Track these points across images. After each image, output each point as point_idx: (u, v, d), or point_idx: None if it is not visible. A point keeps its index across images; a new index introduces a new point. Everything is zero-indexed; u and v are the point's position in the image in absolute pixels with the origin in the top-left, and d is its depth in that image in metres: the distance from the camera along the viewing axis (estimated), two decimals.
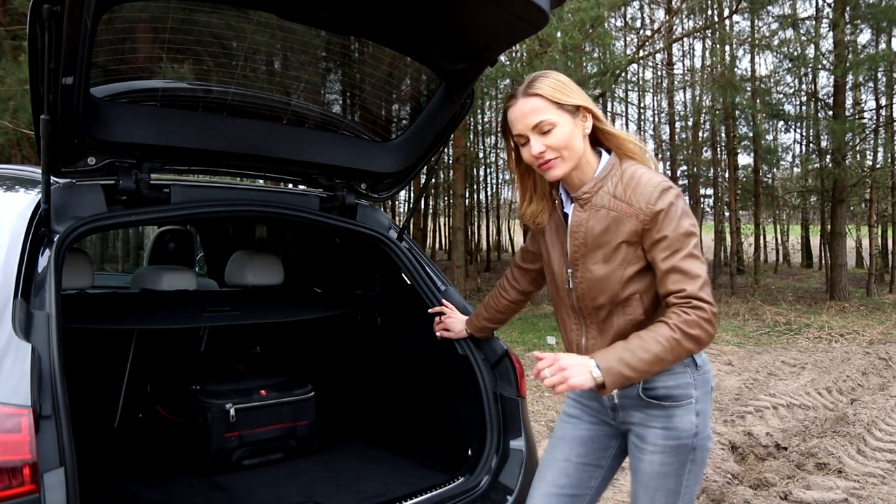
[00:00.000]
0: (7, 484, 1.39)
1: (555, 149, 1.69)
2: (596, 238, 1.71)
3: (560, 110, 1.68)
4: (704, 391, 1.76)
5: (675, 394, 1.72)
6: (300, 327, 3.47)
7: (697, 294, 1.59)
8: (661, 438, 1.73)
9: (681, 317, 1.59)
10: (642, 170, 1.71)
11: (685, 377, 1.73)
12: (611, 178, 1.71)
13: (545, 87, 1.69)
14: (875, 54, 13.70)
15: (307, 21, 2.00)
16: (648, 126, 22.16)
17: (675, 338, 1.59)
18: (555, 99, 1.68)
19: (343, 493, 2.49)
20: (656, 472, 1.74)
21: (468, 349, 2.37)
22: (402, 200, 20.18)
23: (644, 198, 1.64)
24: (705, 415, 1.75)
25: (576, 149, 1.70)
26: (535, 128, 1.69)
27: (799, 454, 4.33)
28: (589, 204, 1.72)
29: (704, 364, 1.78)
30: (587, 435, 1.88)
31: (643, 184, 1.66)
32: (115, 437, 3.12)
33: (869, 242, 16.36)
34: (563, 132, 1.68)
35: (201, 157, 2.22)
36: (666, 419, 1.72)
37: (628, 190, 1.67)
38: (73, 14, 1.46)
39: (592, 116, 1.73)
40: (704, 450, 1.76)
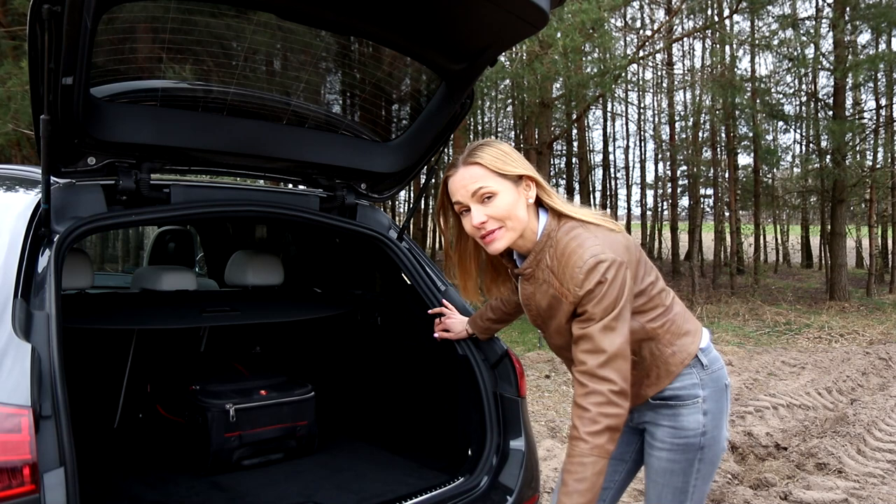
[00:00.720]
0: (7, 484, 1.39)
1: (497, 218, 1.65)
2: (545, 311, 1.72)
3: (502, 178, 1.65)
4: (714, 390, 1.77)
5: (680, 394, 1.75)
6: (300, 327, 3.47)
7: (599, 373, 1.55)
8: (668, 436, 1.76)
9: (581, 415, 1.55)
10: (576, 238, 1.63)
11: (691, 378, 1.75)
12: (547, 249, 1.67)
13: (486, 157, 1.65)
14: (875, 55, 13.71)
15: (307, 21, 2.00)
16: (648, 126, 22.18)
17: (590, 447, 1.53)
18: (495, 168, 1.64)
19: (343, 493, 2.49)
20: (664, 469, 1.78)
21: (468, 349, 2.37)
22: (402, 200, 20.19)
23: (572, 280, 1.60)
24: (716, 414, 1.76)
25: (519, 218, 1.66)
26: (475, 195, 1.65)
27: (799, 454, 4.33)
28: (532, 278, 1.72)
29: (713, 363, 1.78)
30: None
31: (572, 262, 1.60)
32: (115, 437, 3.12)
33: (869, 242, 16.37)
34: (505, 201, 1.65)
35: (201, 157, 2.22)
36: (673, 418, 1.76)
37: (560, 265, 1.63)
38: (73, 14, 1.46)
39: (536, 185, 1.69)
40: (715, 449, 1.77)
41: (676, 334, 1.75)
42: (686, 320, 1.80)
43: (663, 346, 1.74)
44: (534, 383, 6.38)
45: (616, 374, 1.56)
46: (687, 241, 18.18)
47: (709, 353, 1.79)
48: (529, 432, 2.36)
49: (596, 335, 1.57)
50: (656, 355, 1.74)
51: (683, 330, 1.77)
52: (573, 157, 20.94)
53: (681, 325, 1.77)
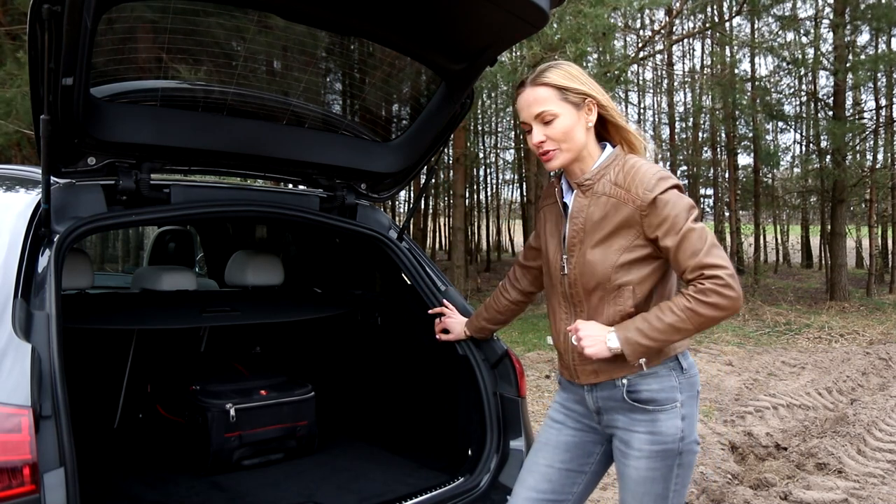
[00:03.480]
0: (7, 484, 1.39)
1: (554, 139, 1.72)
2: (595, 224, 1.72)
3: (564, 101, 1.71)
4: (690, 395, 1.75)
5: (659, 397, 1.71)
6: (300, 327, 3.47)
7: (706, 262, 1.60)
8: (646, 443, 1.71)
9: (696, 287, 1.60)
10: (643, 161, 1.73)
11: (670, 380, 1.72)
12: (613, 167, 1.73)
13: (553, 77, 1.72)
14: (875, 55, 13.70)
15: (307, 21, 2.00)
16: (648, 126, 22.17)
17: (689, 307, 1.60)
18: (561, 85, 1.71)
19: (343, 493, 2.49)
20: (643, 478, 1.73)
21: (468, 349, 2.37)
22: (402, 200, 20.19)
23: (642, 185, 1.66)
24: (691, 419, 1.74)
25: (576, 140, 1.73)
26: (538, 117, 1.72)
27: (799, 454, 4.33)
28: (591, 191, 1.74)
29: (691, 367, 1.77)
30: (571, 441, 1.87)
31: (642, 173, 1.67)
32: (115, 437, 3.12)
33: (869, 242, 16.35)
34: (564, 123, 1.71)
35: (201, 157, 2.22)
36: (650, 423, 1.71)
37: (628, 178, 1.69)
38: (73, 14, 1.46)
39: (598, 107, 1.75)
40: (691, 454, 1.74)
41: None
42: None
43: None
44: (534, 383, 6.38)
45: (724, 260, 1.61)
46: None
47: (687, 358, 1.78)
48: (529, 432, 2.36)
49: (689, 239, 1.61)
50: None
51: None
52: None
53: None
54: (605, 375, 1.75)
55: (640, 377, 1.72)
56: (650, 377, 1.72)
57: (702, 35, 17.43)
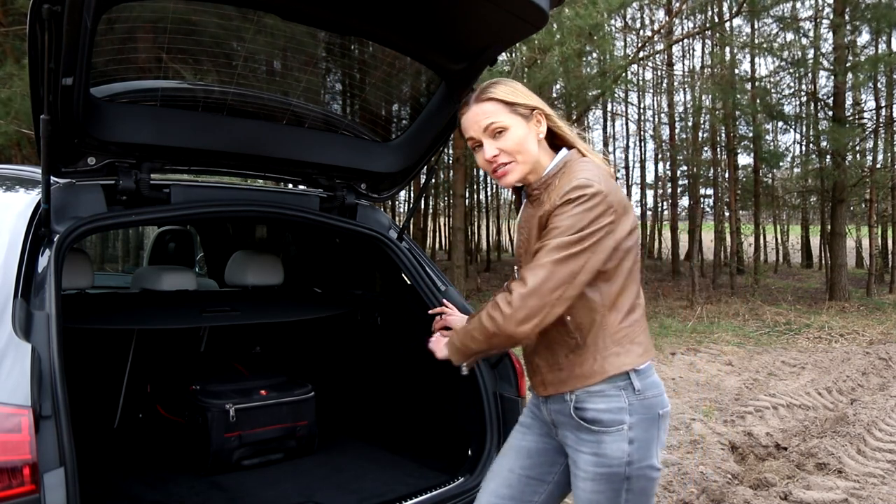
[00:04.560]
0: (7, 484, 1.39)
1: (508, 152, 1.66)
2: (536, 234, 1.65)
3: (513, 113, 1.66)
4: (644, 417, 1.63)
5: (603, 418, 1.62)
6: (300, 327, 3.47)
7: (522, 274, 1.57)
8: (590, 465, 1.63)
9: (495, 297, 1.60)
10: (586, 165, 1.63)
11: (618, 401, 1.62)
12: (560, 175, 1.66)
13: (498, 91, 1.67)
14: (875, 56, 13.70)
15: (307, 21, 2.00)
16: (648, 126, 22.18)
17: (480, 316, 1.60)
18: (508, 100, 1.66)
19: (343, 493, 2.49)
20: (588, 500, 1.65)
21: None
22: (402, 200, 20.19)
23: (558, 191, 1.59)
24: (644, 443, 1.63)
25: (530, 152, 1.67)
26: (487, 130, 1.66)
27: (799, 454, 4.33)
28: (538, 201, 1.68)
29: (648, 388, 1.65)
30: (533, 447, 1.81)
31: (568, 180, 1.59)
32: (115, 437, 3.12)
33: (869, 242, 16.35)
34: (517, 134, 1.66)
35: (201, 157, 2.22)
36: (595, 444, 1.63)
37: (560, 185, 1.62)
38: (73, 14, 1.46)
39: (546, 119, 1.70)
40: (645, 479, 1.64)
41: (629, 338, 1.65)
42: (644, 334, 1.70)
43: (611, 341, 1.63)
44: None
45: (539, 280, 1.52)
46: (687, 241, 18.18)
47: (645, 378, 1.66)
48: None
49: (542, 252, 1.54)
50: (599, 347, 1.63)
51: (637, 339, 1.67)
52: None
53: (637, 334, 1.67)
54: (552, 389, 1.69)
55: (588, 395, 1.64)
56: (597, 396, 1.63)
57: (701, 35, 17.43)
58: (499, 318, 1.55)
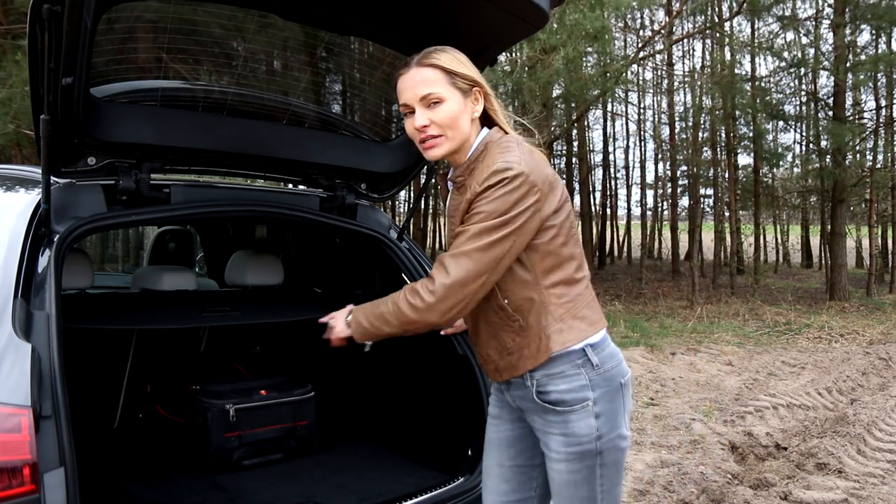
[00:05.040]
0: (7, 484, 1.39)
1: (439, 125, 1.61)
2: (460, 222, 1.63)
3: (452, 86, 1.61)
4: (607, 390, 1.64)
5: (567, 398, 1.62)
6: (300, 327, 3.46)
7: (439, 260, 1.56)
8: (562, 446, 1.63)
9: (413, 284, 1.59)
10: (507, 149, 1.60)
11: (578, 379, 1.62)
12: (482, 158, 1.63)
13: (442, 59, 1.62)
14: (875, 56, 13.70)
15: (307, 21, 2.00)
16: (648, 126, 22.18)
17: (395, 300, 1.59)
18: (450, 68, 1.61)
19: (343, 493, 2.49)
20: (566, 482, 1.65)
21: (468, 349, 2.37)
22: (402, 200, 20.19)
23: (479, 178, 1.57)
24: (610, 415, 1.63)
25: (461, 129, 1.63)
26: (423, 100, 1.61)
27: (799, 454, 4.33)
28: (463, 187, 1.65)
29: (606, 361, 1.65)
30: (511, 435, 1.80)
31: (487, 165, 1.58)
32: (115, 437, 3.12)
33: (869, 242, 16.34)
34: (451, 108, 1.61)
35: (201, 157, 2.22)
36: (563, 425, 1.62)
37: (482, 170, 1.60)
38: (73, 14, 1.46)
39: (484, 98, 1.66)
40: (616, 451, 1.65)
41: (571, 313, 1.63)
42: (589, 308, 1.68)
43: (553, 318, 1.62)
44: None
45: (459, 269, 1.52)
46: (687, 241, 18.17)
47: (601, 351, 1.65)
48: None
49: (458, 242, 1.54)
50: (542, 326, 1.62)
51: (581, 314, 1.65)
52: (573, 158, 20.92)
53: (579, 308, 1.65)
54: (506, 374, 1.68)
55: (548, 377, 1.63)
56: (558, 378, 1.63)
57: (702, 35, 17.42)
58: (420, 306, 1.55)
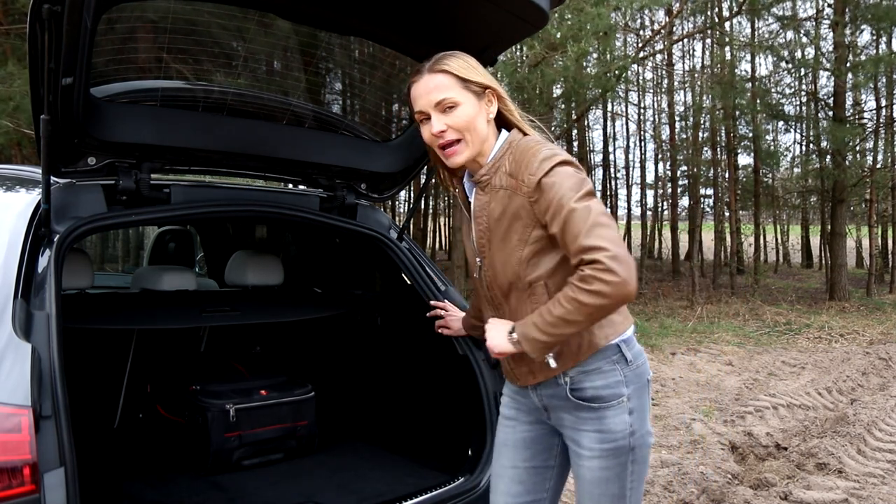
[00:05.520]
0: (7, 484, 1.39)
1: (456, 129, 1.63)
2: (496, 221, 1.64)
3: (465, 90, 1.63)
4: (638, 387, 1.66)
5: (603, 394, 1.63)
6: (300, 327, 3.47)
7: (585, 244, 1.48)
8: (595, 442, 1.64)
9: (578, 274, 1.49)
10: (534, 142, 1.63)
11: (614, 375, 1.64)
12: (507, 156, 1.64)
13: (453, 64, 1.63)
14: (876, 56, 13.70)
15: (307, 21, 2.00)
16: (648, 126, 22.17)
17: (572, 297, 1.49)
18: (462, 75, 1.63)
19: (343, 493, 2.49)
20: (597, 479, 1.65)
21: (468, 349, 2.37)
22: (402, 200, 20.18)
23: (527, 169, 1.57)
24: (641, 411, 1.66)
25: (479, 131, 1.65)
26: (438, 105, 1.63)
27: (799, 454, 4.33)
28: (489, 186, 1.66)
29: (636, 358, 1.68)
30: (528, 437, 1.80)
31: (528, 156, 1.59)
32: (115, 437, 3.12)
33: (869, 242, 16.34)
34: (467, 112, 1.63)
35: (201, 157, 2.22)
36: (598, 422, 1.63)
37: (518, 164, 1.60)
38: (73, 14, 1.46)
39: (498, 99, 1.68)
40: (645, 447, 1.67)
41: None
42: None
43: None
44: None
45: (607, 241, 1.48)
46: (687, 241, 18.17)
47: (632, 347, 1.68)
48: None
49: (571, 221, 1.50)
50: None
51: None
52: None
53: None
54: (541, 375, 1.68)
55: (584, 374, 1.64)
56: (594, 374, 1.64)
57: (702, 35, 17.42)
58: (609, 289, 1.46)
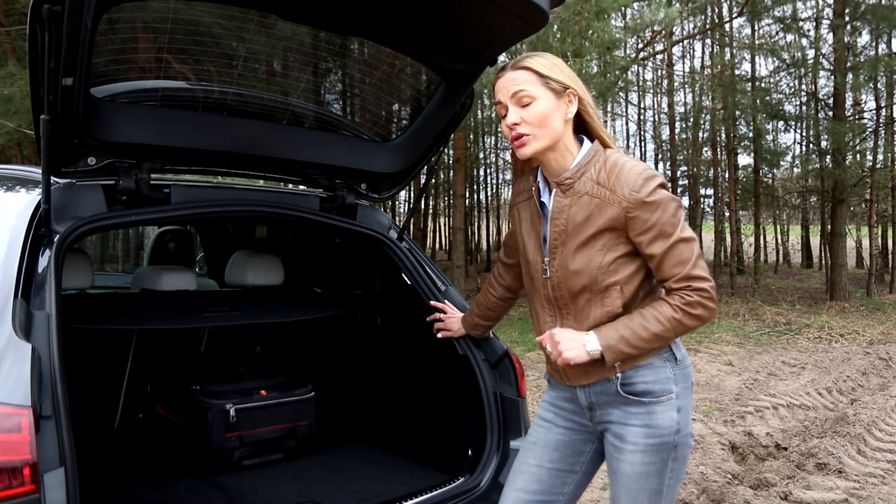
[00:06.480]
0: (7, 484, 1.39)
1: (529, 123, 1.66)
2: (578, 225, 1.67)
3: (544, 87, 1.66)
4: (685, 386, 1.72)
5: (654, 389, 1.68)
6: (300, 327, 3.47)
7: (694, 273, 1.61)
8: (641, 437, 1.67)
9: (684, 299, 1.61)
10: (625, 158, 1.68)
11: (665, 371, 1.69)
12: (593, 164, 1.68)
13: (535, 63, 1.67)
14: (875, 57, 13.69)
15: (307, 21, 2.00)
16: (649, 126, 22.18)
17: (676, 318, 1.61)
18: (542, 72, 1.66)
19: (343, 493, 2.49)
20: (637, 473, 1.68)
21: (468, 349, 2.37)
22: (402, 200, 20.19)
23: (628, 185, 1.61)
24: (686, 411, 1.71)
25: (552, 128, 1.67)
26: (515, 97, 1.66)
27: (799, 454, 4.33)
28: (571, 190, 1.68)
29: (684, 358, 1.74)
30: (561, 440, 1.83)
31: (626, 171, 1.63)
32: (115, 437, 3.12)
33: (869, 242, 16.35)
34: (542, 107, 1.65)
35: (201, 157, 2.22)
36: (646, 416, 1.67)
37: (611, 177, 1.64)
38: (73, 14, 1.46)
39: (579, 101, 1.70)
40: (686, 447, 1.71)
41: None
42: None
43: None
44: (534, 383, 6.37)
45: (708, 273, 1.64)
46: None
47: (681, 349, 1.74)
48: None
49: (678, 248, 1.61)
50: None
51: None
52: None
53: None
54: (596, 376, 1.71)
55: (636, 369, 1.68)
56: (645, 368, 1.68)
57: (702, 36, 17.42)
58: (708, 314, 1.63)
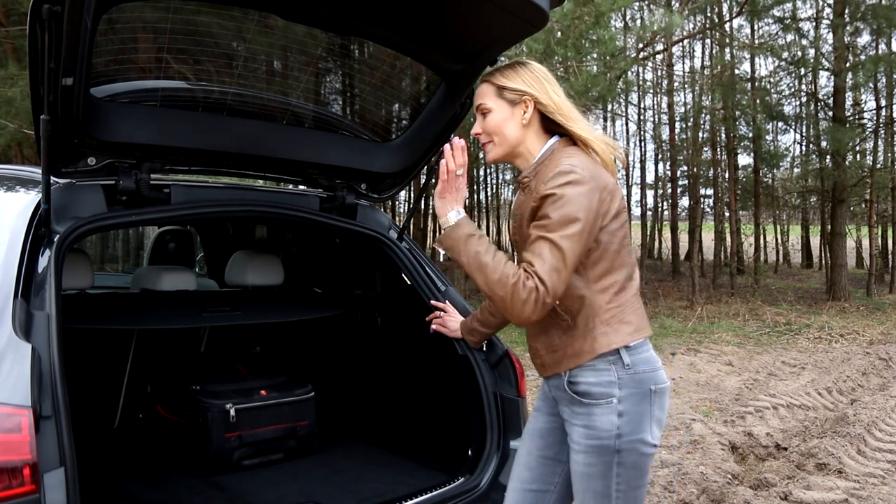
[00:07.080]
0: (7, 484, 1.39)
1: (487, 132, 1.79)
2: (527, 220, 1.71)
3: (499, 98, 1.76)
4: (635, 392, 1.68)
5: (593, 391, 1.68)
6: (300, 327, 3.47)
7: (542, 275, 1.56)
8: (582, 437, 1.69)
9: (527, 276, 1.57)
10: (569, 153, 1.70)
11: (607, 375, 1.68)
12: (548, 163, 1.72)
13: (496, 74, 1.78)
14: (875, 56, 13.70)
15: (307, 21, 2.00)
16: (649, 126, 22.17)
17: (507, 275, 1.58)
18: (499, 83, 1.76)
19: (343, 493, 2.49)
20: (581, 473, 1.71)
21: (468, 349, 2.37)
22: (402, 200, 20.17)
23: (543, 180, 1.66)
24: (635, 417, 1.67)
25: (507, 136, 1.77)
26: (478, 109, 1.80)
27: (799, 454, 4.33)
28: (528, 188, 1.75)
29: (638, 364, 1.70)
30: (544, 427, 1.87)
31: (553, 166, 1.67)
32: (115, 437, 3.12)
33: (869, 243, 16.34)
34: (495, 119, 1.77)
35: (201, 157, 2.22)
36: (586, 417, 1.69)
37: (546, 172, 1.69)
38: (73, 14, 1.46)
39: (536, 104, 1.75)
40: (636, 454, 1.67)
41: (618, 318, 1.69)
42: (635, 314, 1.74)
43: (600, 322, 1.68)
44: (534, 383, 6.37)
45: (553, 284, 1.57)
46: (687, 241, 18.17)
47: (636, 354, 1.70)
48: None
49: (543, 247, 1.59)
50: (590, 328, 1.68)
51: (627, 319, 1.71)
52: None
53: (627, 314, 1.71)
54: (551, 370, 1.77)
55: (581, 369, 1.69)
56: (588, 370, 1.69)
57: (702, 36, 17.42)
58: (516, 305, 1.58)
